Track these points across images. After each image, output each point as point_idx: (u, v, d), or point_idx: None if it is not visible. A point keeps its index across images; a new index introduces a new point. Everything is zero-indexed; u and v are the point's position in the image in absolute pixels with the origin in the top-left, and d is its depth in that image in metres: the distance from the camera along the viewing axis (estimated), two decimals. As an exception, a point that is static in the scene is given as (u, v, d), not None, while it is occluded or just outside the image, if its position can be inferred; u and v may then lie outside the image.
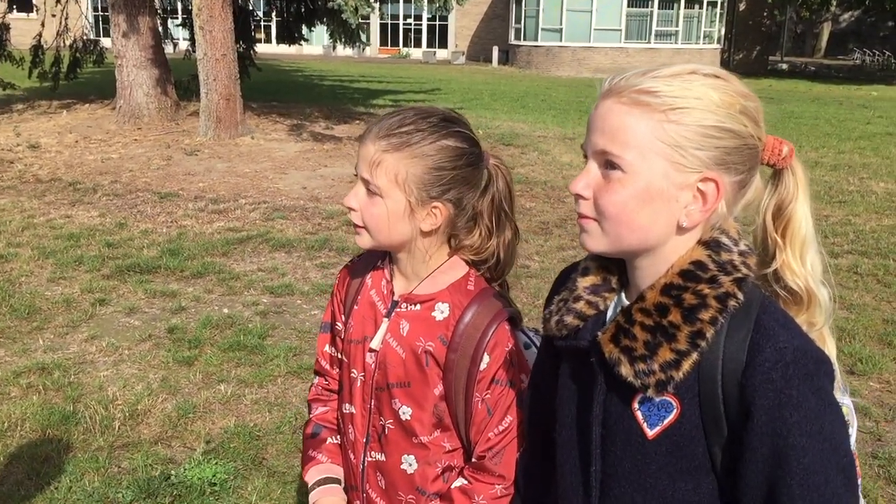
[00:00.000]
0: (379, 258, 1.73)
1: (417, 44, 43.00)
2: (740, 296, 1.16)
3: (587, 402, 1.31)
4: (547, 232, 7.57)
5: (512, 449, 1.58)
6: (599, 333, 1.25)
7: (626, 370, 1.20)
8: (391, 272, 1.69)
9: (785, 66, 38.39)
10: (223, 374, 4.47)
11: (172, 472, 3.50)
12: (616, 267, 1.33)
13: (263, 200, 8.49)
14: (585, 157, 1.25)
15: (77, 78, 16.20)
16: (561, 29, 33.43)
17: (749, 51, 38.01)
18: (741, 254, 1.20)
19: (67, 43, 15.41)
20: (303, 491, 3.45)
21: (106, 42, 16.20)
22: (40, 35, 14.88)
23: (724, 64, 33.44)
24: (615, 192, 1.19)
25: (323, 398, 1.86)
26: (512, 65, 35.84)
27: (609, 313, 1.32)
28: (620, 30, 32.97)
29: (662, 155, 1.16)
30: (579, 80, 29.07)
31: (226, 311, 5.40)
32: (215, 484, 3.42)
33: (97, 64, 16.40)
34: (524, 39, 35.19)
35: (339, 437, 1.81)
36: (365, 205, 1.56)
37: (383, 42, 43.34)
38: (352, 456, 1.73)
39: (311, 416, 1.86)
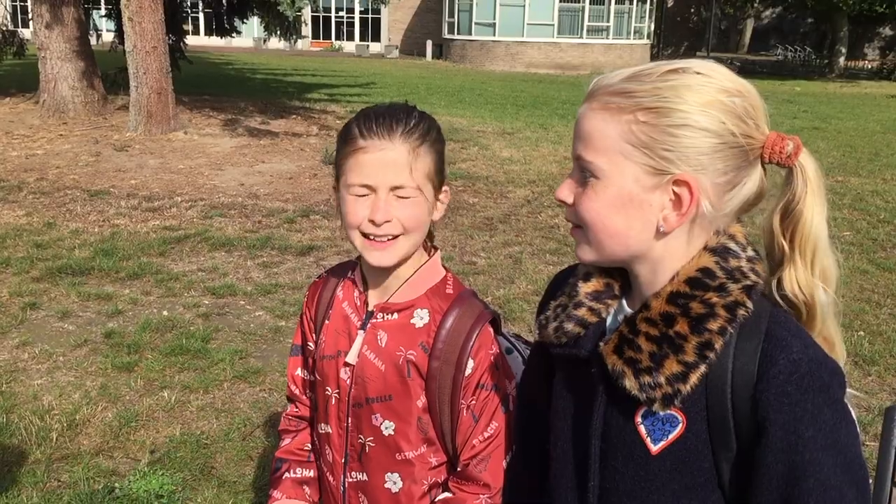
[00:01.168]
0: (349, 268, 1.65)
1: (350, 37, 42.62)
2: (749, 304, 1.11)
3: (586, 415, 1.25)
4: (492, 228, 7.54)
5: (498, 456, 1.51)
6: (601, 344, 1.20)
7: (630, 383, 1.14)
8: (364, 283, 1.60)
9: (711, 62, 39.13)
10: (166, 380, 4.29)
11: (116, 484, 3.34)
12: (618, 272, 1.27)
13: (200, 198, 8.25)
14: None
15: (-4, 70, 15.52)
16: (494, 23, 33.55)
17: (677, 46, 38.81)
18: (749, 260, 1.16)
19: (-14, 34, 14.76)
20: (256, 500, 3.34)
21: (26, 33, 15.57)
22: (-45, 25, 14.22)
23: (654, 59, 34.05)
24: (590, 199, 1.16)
25: (291, 428, 1.77)
26: (446, 59, 35.81)
27: (609, 321, 1.27)
28: (553, 24, 33.28)
29: (631, 158, 1.12)
30: (514, 75, 29.24)
31: (165, 313, 5.20)
32: (162, 496, 3.27)
33: (17, 56, 15.73)
34: (458, 34, 35.20)
35: (300, 469, 1.73)
36: (400, 210, 1.49)
37: (315, 35, 42.80)
38: (331, 478, 1.65)
39: (279, 447, 1.78)
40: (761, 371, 1.09)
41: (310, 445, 1.75)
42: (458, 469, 1.54)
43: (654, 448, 1.17)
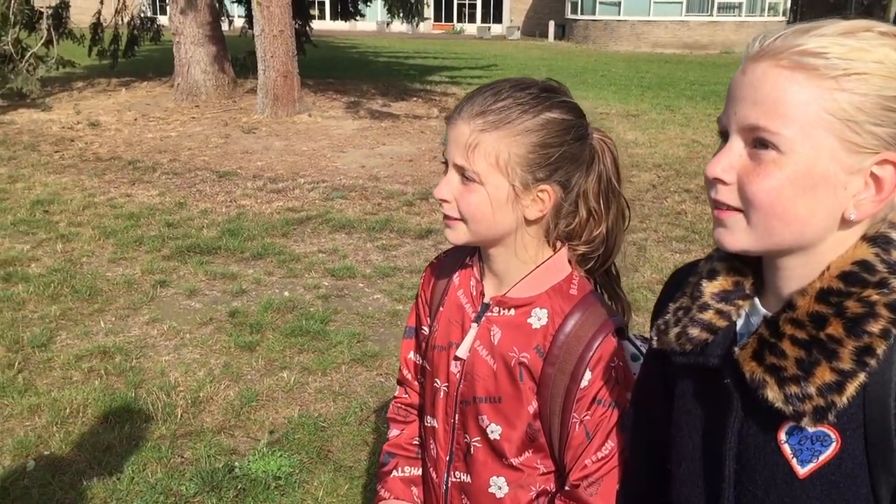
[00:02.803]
0: (467, 254, 1.52)
1: (472, 19, 42.56)
2: None
3: (718, 431, 1.08)
4: (614, 213, 7.28)
5: (611, 479, 1.35)
6: (736, 349, 1.03)
7: (773, 394, 0.97)
8: (481, 271, 1.48)
9: None
10: (286, 361, 4.33)
11: (236, 463, 3.38)
12: (750, 268, 1.09)
13: (322, 179, 8.36)
14: (722, 133, 1.02)
15: (135, 56, 16.28)
16: (619, 2, 32.68)
17: (815, 23, 36.59)
18: None
19: (125, 20, 15.48)
20: (370, 487, 3.31)
21: (163, 20, 16.25)
22: (99, 13, 14.97)
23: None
24: (768, 177, 0.96)
25: (399, 417, 1.68)
26: (568, 40, 35.20)
27: (739, 324, 1.09)
28: (681, 2, 32.09)
29: (831, 131, 0.92)
30: (638, 55, 28.44)
31: (286, 294, 5.27)
32: (280, 478, 3.28)
33: (154, 41, 16.47)
34: (581, 13, 34.50)
35: (409, 467, 1.64)
36: (461, 194, 1.34)
37: (437, 17, 42.96)
38: (434, 475, 1.55)
39: (388, 438, 1.70)
40: None
41: (418, 440, 1.65)
42: (567, 488, 1.39)
43: (802, 471, 1.00)
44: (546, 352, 1.37)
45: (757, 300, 1.09)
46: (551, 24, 36.79)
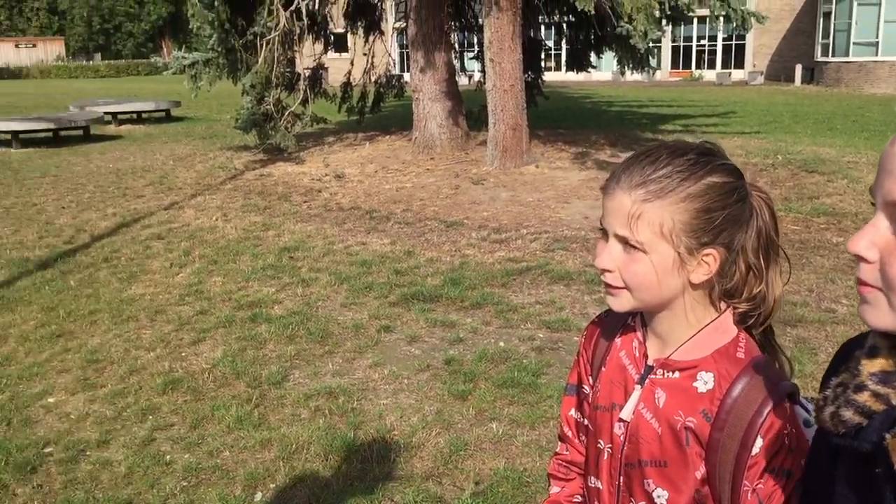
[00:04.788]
0: (629, 315, 1.51)
1: (711, 65, 41.24)
2: None
3: None
4: (858, 272, 6.69)
5: None
6: (888, 435, 0.93)
7: None
8: (644, 332, 1.47)
9: None
10: (496, 412, 4.39)
11: (441, 511, 3.46)
12: None
13: (545, 230, 8.45)
14: (874, 204, 0.93)
15: (381, 111, 17.44)
16: (877, 42, 30.27)
17: None
18: None
19: (373, 79, 16.66)
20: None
21: (407, 76, 17.31)
22: (349, 73, 16.24)
23: None
24: None
25: (560, 474, 1.68)
26: (817, 83, 33.08)
27: None
28: (951, 39, 29.15)
29: None
30: (898, 98, 26.08)
31: (501, 344, 5.36)
32: (481, 530, 3.32)
33: (398, 97, 17.57)
34: (833, 55, 32.34)
35: None
36: (624, 263, 1.35)
37: (674, 65, 42.10)
38: None
39: (549, 494, 1.70)
40: None
41: (580, 498, 1.64)
42: None
43: None
44: (713, 416, 1.33)
45: None
46: (798, 67, 34.78)
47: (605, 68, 35.49)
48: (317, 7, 14.22)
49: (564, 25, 17.92)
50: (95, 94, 31.74)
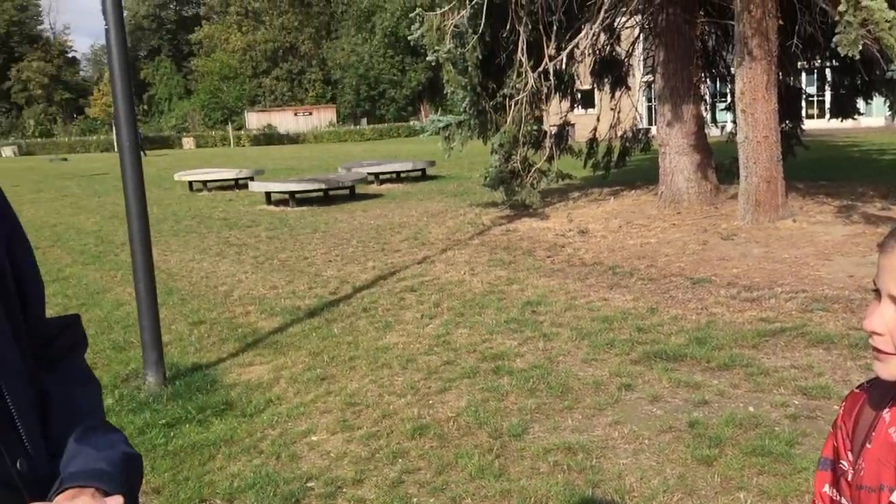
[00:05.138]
0: None
1: None
2: None
3: None
4: None
5: None
6: None
7: None
8: None
9: None
10: (743, 481, 4.17)
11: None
12: None
13: (802, 289, 7.91)
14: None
15: (626, 166, 17.34)
16: None
17: None
18: None
19: (619, 134, 16.65)
20: None
21: (654, 129, 17.09)
22: (595, 128, 16.35)
23: None
24: None
25: None
26: None
27: None
28: None
29: None
30: None
31: (751, 409, 5.08)
32: None
33: (644, 151, 17.38)
34: None
35: None
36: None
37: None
38: None
39: None
40: None
41: None
42: None
43: None
44: None
45: None
46: None
47: (875, 114, 32.70)
48: (564, 67, 14.53)
49: (827, 71, 16.87)
50: (361, 156, 34.51)
